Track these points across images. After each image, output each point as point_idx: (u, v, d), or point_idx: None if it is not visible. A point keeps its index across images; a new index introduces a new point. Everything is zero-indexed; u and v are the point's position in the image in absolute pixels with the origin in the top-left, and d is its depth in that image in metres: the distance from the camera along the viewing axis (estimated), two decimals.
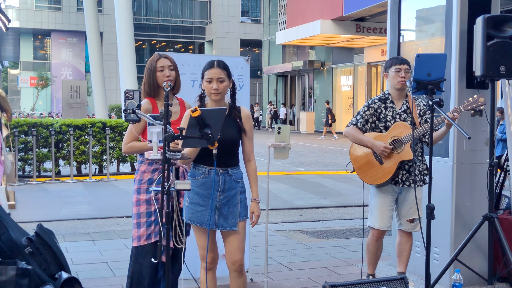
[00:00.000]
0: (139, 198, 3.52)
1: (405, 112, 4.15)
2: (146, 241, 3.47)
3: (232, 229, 3.42)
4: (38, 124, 11.59)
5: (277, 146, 3.36)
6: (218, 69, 3.40)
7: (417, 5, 5.19)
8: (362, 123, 4.19)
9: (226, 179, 3.40)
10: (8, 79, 47.16)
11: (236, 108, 3.49)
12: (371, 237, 4.30)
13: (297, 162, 14.91)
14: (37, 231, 3.97)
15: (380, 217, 4.20)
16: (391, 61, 4.21)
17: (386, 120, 4.16)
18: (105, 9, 39.84)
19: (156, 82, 3.58)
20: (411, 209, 4.18)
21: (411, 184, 4.14)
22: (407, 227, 4.23)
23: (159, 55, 3.62)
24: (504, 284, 4.52)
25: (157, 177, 3.49)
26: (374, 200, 4.25)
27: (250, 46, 45.74)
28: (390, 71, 4.17)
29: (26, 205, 8.51)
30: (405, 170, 4.13)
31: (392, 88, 4.20)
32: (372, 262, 4.36)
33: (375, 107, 4.19)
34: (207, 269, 3.50)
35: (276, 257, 5.56)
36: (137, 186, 3.54)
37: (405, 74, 4.10)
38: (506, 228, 4.40)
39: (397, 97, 4.19)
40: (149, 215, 3.48)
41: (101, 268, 5.19)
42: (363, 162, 4.18)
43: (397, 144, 4.08)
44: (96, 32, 19.84)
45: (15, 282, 3.56)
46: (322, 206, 8.78)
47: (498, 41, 4.17)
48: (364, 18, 22.61)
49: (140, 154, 3.60)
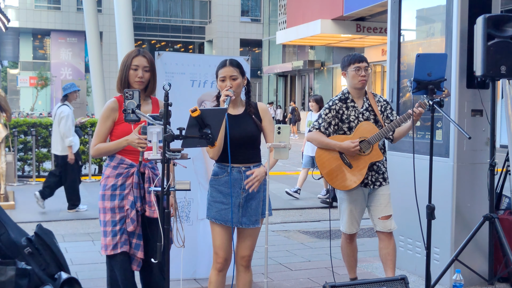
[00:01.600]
0: (105, 206, 3.37)
1: (367, 110, 4.06)
2: (113, 251, 3.33)
3: (255, 226, 3.47)
4: (37, 124, 11.58)
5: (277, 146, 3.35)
6: (231, 67, 3.42)
7: (418, 4, 5.18)
8: (325, 127, 4.06)
9: (248, 177, 3.41)
10: (8, 79, 47.12)
11: (251, 104, 3.52)
12: (344, 241, 4.27)
13: (297, 162, 14.88)
14: (36, 231, 3.97)
15: (350, 222, 4.16)
16: (349, 59, 4.07)
17: (349, 121, 4.04)
18: (105, 9, 39.80)
19: (127, 80, 3.44)
20: (382, 206, 4.07)
21: (383, 183, 4.07)
22: (382, 225, 4.10)
23: (138, 52, 3.48)
24: (505, 284, 4.51)
25: (120, 183, 3.36)
26: (344, 205, 4.16)
27: (250, 46, 45.72)
28: (349, 69, 4.05)
29: (25, 206, 8.50)
30: (374, 171, 4.05)
31: (352, 87, 4.08)
32: (351, 265, 4.31)
33: (337, 108, 4.06)
34: (219, 270, 3.50)
35: (276, 258, 5.55)
36: (102, 192, 3.40)
37: (365, 73, 3.99)
38: (507, 228, 4.40)
39: (357, 96, 4.09)
40: (114, 224, 3.35)
41: (101, 269, 5.17)
42: (332, 167, 4.04)
43: (363, 145, 3.96)
44: (95, 32, 19.80)
45: (15, 283, 3.56)
46: (322, 207, 8.77)
47: (498, 41, 4.16)
48: (365, 18, 22.60)
49: (108, 156, 3.45)
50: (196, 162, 4.68)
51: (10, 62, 48.00)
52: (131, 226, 3.34)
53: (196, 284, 4.70)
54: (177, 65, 4.66)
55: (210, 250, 4.73)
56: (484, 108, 4.48)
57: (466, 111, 4.47)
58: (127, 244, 3.35)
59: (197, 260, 4.74)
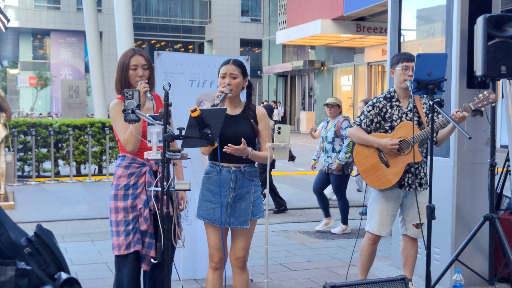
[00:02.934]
0: (117, 205, 3.37)
1: (411, 111, 3.96)
2: (126, 250, 3.33)
3: (243, 227, 3.44)
4: (37, 124, 11.57)
5: (277, 146, 3.35)
6: (233, 65, 3.44)
7: (418, 4, 5.18)
8: (366, 124, 3.99)
9: (238, 177, 3.42)
10: (7, 79, 47.12)
11: (251, 108, 3.51)
12: (366, 242, 4.13)
13: (297, 162, 14.83)
14: (36, 231, 3.97)
15: (380, 222, 4.04)
16: (398, 57, 4.01)
17: (392, 120, 3.97)
18: (105, 9, 39.79)
19: (128, 81, 3.42)
20: (418, 213, 3.99)
21: (418, 188, 3.97)
22: (412, 232, 4.07)
23: (134, 51, 3.46)
24: (505, 284, 4.50)
25: (133, 182, 3.37)
26: (375, 204, 4.07)
27: (250, 45, 45.71)
28: (396, 68, 3.99)
29: (25, 206, 8.50)
30: (411, 173, 3.96)
31: (398, 86, 4.02)
32: (365, 267, 4.18)
33: (380, 106, 4.00)
34: (214, 269, 3.50)
35: (276, 258, 5.55)
36: (114, 192, 3.39)
37: (413, 72, 3.88)
38: (507, 229, 4.39)
39: (403, 96, 4.02)
40: (127, 223, 3.35)
41: (101, 269, 5.17)
42: (368, 165, 3.98)
43: (403, 145, 3.89)
44: (95, 32, 19.79)
45: (14, 283, 3.55)
46: None
47: (498, 41, 4.15)
48: (365, 18, 22.59)
49: (118, 155, 3.47)
50: (194, 162, 4.68)
51: (10, 62, 48.00)
52: (144, 225, 3.35)
53: (196, 284, 4.69)
54: (176, 65, 4.66)
55: None
56: (484, 108, 4.47)
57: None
58: (139, 243, 3.36)
59: (197, 260, 4.74)
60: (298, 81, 33.83)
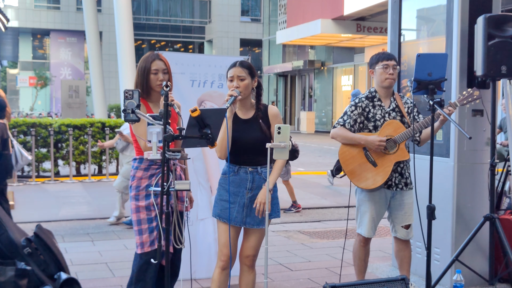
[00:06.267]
0: (138, 205, 3.42)
1: (394, 111, 3.97)
2: (150, 247, 3.39)
3: (259, 227, 3.49)
4: (37, 124, 11.56)
5: (277, 146, 3.34)
6: (240, 68, 3.44)
7: (418, 4, 5.18)
8: (350, 124, 3.95)
9: (255, 178, 3.46)
10: (7, 79, 47.10)
11: (260, 108, 3.51)
12: (359, 244, 4.11)
13: (297, 162, 14.85)
14: (36, 231, 3.96)
15: (370, 224, 4.02)
16: (377, 56, 3.99)
17: (375, 119, 3.94)
18: (105, 9, 39.78)
19: (149, 84, 3.46)
20: (406, 214, 4.00)
21: (404, 187, 3.97)
22: (402, 233, 4.03)
23: (154, 56, 3.50)
24: (505, 285, 4.50)
25: (155, 182, 3.41)
26: (364, 207, 4.03)
27: (250, 45, 45.71)
28: (376, 67, 3.96)
29: (25, 206, 8.49)
30: (397, 172, 3.96)
31: (379, 85, 3.99)
32: (361, 269, 4.15)
33: (363, 106, 3.97)
34: (222, 268, 3.52)
35: (276, 258, 5.55)
36: (135, 193, 3.43)
37: (393, 71, 3.91)
38: (507, 229, 4.39)
39: (385, 95, 4.00)
40: (150, 221, 3.41)
41: (100, 269, 5.17)
42: (355, 165, 3.95)
43: (389, 144, 3.88)
44: (95, 32, 19.78)
45: (14, 283, 3.55)
46: (322, 207, 8.77)
47: (499, 41, 4.15)
48: (365, 18, 22.59)
49: (134, 159, 3.51)
50: (196, 162, 4.68)
51: (10, 62, 48.00)
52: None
53: (196, 284, 4.69)
54: (176, 64, 4.65)
55: (209, 250, 4.74)
56: (484, 108, 4.47)
57: (466, 111, 4.46)
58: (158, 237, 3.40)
59: (197, 261, 4.73)
60: (298, 81, 33.83)
